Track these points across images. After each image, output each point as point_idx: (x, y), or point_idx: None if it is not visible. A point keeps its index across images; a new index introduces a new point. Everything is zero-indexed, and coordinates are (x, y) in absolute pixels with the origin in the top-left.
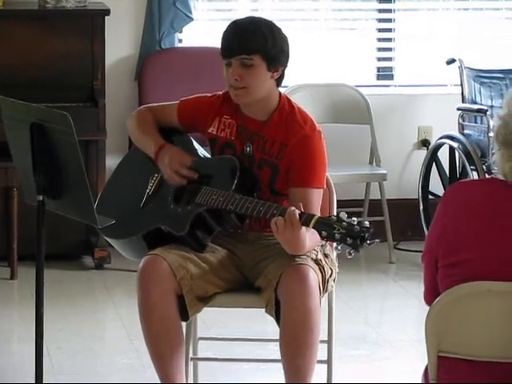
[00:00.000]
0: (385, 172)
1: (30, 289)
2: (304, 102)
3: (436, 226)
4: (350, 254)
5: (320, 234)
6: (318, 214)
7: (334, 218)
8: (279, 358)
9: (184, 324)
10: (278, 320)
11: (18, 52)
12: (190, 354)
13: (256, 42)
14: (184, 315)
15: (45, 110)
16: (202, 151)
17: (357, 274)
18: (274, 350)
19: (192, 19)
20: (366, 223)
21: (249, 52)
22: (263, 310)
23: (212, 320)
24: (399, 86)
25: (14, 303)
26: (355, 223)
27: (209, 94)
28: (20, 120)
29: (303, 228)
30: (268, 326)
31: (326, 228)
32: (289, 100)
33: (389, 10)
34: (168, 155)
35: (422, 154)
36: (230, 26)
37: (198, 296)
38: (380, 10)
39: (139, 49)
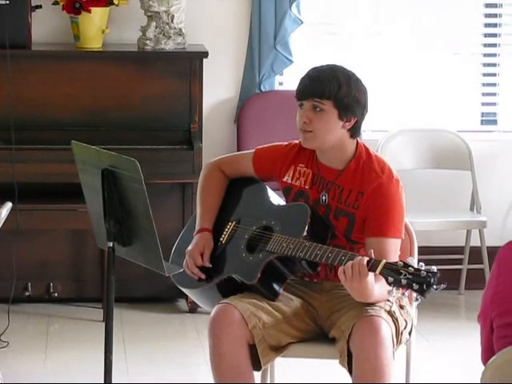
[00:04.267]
0: (485, 219)
1: (121, 331)
2: (404, 146)
3: (490, 286)
4: (417, 300)
5: (386, 280)
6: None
7: (401, 263)
8: None
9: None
10: (350, 372)
11: (116, 93)
12: None
13: (329, 87)
14: (257, 365)
15: (115, 156)
16: (277, 199)
17: (456, 322)
18: None
19: (292, 62)
20: (434, 268)
21: (321, 96)
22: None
23: (289, 369)
24: (503, 131)
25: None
26: (422, 268)
27: (285, 143)
28: (92, 165)
29: (371, 277)
30: (345, 377)
31: (393, 274)
32: (367, 149)
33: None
34: (196, 241)
35: None
36: (309, 70)
37: (270, 345)
38: (485, 55)
39: (239, 91)
